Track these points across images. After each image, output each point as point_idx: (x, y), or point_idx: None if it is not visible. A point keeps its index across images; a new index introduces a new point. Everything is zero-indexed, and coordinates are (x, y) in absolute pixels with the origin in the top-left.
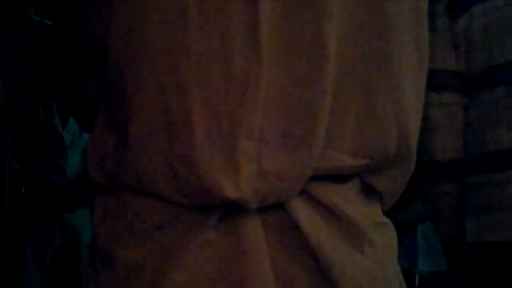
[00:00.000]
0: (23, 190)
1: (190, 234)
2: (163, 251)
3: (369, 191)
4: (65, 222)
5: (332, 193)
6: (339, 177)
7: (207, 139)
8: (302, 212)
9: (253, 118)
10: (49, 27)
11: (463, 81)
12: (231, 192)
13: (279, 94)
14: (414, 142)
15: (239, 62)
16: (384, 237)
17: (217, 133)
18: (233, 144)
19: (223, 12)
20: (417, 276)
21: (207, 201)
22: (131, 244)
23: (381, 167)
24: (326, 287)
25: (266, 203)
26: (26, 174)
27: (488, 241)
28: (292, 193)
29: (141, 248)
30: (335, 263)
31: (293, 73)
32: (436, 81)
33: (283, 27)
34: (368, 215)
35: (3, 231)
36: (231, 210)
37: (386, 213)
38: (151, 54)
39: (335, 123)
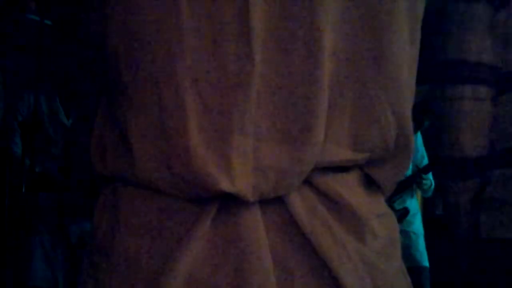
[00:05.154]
0: (23, 190)
1: (188, 227)
2: (161, 245)
3: (370, 181)
4: (65, 222)
5: (332, 181)
6: (339, 167)
7: (201, 134)
8: (300, 204)
9: (245, 114)
10: (48, 27)
11: (497, 76)
12: (226, 185)
13: (273, 90)
14: (411, 129)
15: (231, 59)
16: (388, 229)
17: (211, 128)
18: (226, 140)
19: (215, 7)
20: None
21: (202, 194)
22: (129, 237)
23: (382, 159)
24: (325, 277)
25: (265, 197)
26: (26, 174)
27: (500, 237)
28: (291, 189)
29: (139, 241)
30: (334, 255)
31: (287, 68)
32: (471, 73)
33: (276, 21)
34: (371, 205)
35: (4, 231)
36: (229, 202)
37: None
38: (146, 51)
39: (332, 117)
